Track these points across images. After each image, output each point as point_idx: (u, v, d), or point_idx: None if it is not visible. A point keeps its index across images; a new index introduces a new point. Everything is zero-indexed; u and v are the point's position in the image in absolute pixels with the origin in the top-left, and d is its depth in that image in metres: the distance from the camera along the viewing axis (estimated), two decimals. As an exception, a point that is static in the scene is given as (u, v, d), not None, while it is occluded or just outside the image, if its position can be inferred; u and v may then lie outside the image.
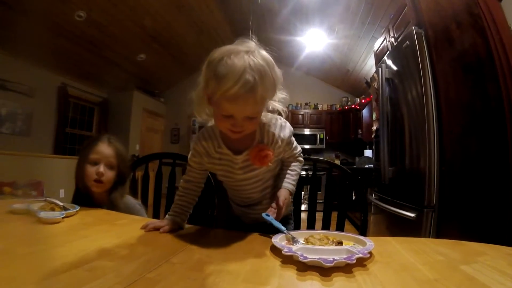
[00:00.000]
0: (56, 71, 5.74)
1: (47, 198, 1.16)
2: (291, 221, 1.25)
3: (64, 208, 1.08)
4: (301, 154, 1.12)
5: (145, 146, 7.47)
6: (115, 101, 7.21)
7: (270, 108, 0.93)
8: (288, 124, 1.01)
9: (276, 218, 0.88)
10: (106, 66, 6.20)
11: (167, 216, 1.01)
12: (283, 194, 0.98)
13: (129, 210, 1.29)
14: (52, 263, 0.58)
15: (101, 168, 1.27)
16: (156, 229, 0.89)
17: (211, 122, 0.97)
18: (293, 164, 1.09)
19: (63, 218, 0.97)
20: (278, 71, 0.84)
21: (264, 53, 0.82)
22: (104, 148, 1.31)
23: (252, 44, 0.83)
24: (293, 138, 1.05)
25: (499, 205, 1.90)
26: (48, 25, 4.57)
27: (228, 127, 0.83)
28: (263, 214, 0.88)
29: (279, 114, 0.98)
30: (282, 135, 0.97)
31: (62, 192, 4.86)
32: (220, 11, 5.96)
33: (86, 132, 6.79)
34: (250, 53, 0.78)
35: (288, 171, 1.06)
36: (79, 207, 1.10)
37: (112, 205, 1.29)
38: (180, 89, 8.63)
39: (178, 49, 6.76)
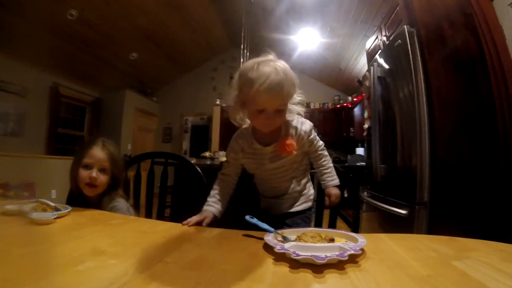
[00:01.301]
0: (48, 71, 5.68)
1: (39, 199, 1.15)
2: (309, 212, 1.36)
3: (56, 209, 1.06)
4: (325, 148, 1.27)
5: (137, 146, 7.43)
6: (107, 100, 7.16)
7: (289, 108, 1.10)
8: (307, 120, 1.20)
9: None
10: (99, 65, 6.15)
11: (204, 208, 1.12)
12: (334, 193, 1.21)
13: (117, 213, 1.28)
14: (46, 264, 0.58)
15: (94, 173, 1.27)
16: (199, 223, 0.99)
17: (245, 125, 1.19)
18: (323, 160, 1.25)
19: (55, 218, 0.95)
20: (296, 76, 1.03)
21: (283, 62, 1.03)
22: (98, 152, 1.30)
23: (271, 55, 1.05)
24: (315, 133, 1.22)
25: (491, 201, 1.93)
26: (40, 24, 4.52)
27: (262, 121, 1.03)
28: (247, 217, 0.89)
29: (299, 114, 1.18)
30: (303, 128, 1.17)
31: (54, 193, 4.82)
32: (214, 10, 5.95)
33: (78, 132, 6.74)
34: (273, 61, 1.00)
35: (324, 170, 1.25)
36: (71, 208, 1.09)
37: (102, 208, 1.28)
38: (173, 88, 8.62)
39: (172, 48, 6.73)
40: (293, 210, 1.29)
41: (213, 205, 1.12)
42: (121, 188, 1.41)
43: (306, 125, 1.18)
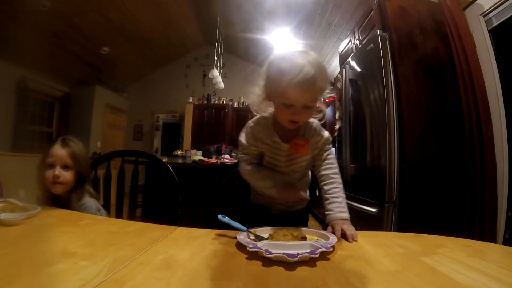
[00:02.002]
0: (15, 64, 5.35)
1: (7, 199, 1.09)
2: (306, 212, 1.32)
3: (25, 209, 1.01)
4: (335, 162, 1.12)
5: (107, 143, 7.20)
6: (76, 95, 6.88)
7: (320, 107, 1.05)
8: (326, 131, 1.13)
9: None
10: (69, 59, 5.89)
11: (277, 184, 1.04)
12: (350, 231, 0.88)
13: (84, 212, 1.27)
14: (14, 267, 0.56)
15: (56, 171, 1.28)
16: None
17: (265, 114, 1.08)
18: (332, 183, 1.06)
19: (24, 219, 0.92)
20: (328, 71, 0.95)
21: (316, 54, 0.92)
22: (58, 150, 1.31)
23: (303, 47, 0.94)
24: (331, 146, 1.14)
25: (457, 200, 2.03)
26: (9, 14, 4.27)
27: (288, 117, 0.94)
28: (219, 216, 0.88)
29: (322, 113, 1.09)
30: (322, 133, 1.10)
31: (22, 192, 4.59)
32: (189, 6, 5.87)
33: (46, 129, 6.42)
34: (306, 53, 0.90)
35: (331, 197, 1.03)
36: (40, 208, 1.04)
37: (71, 206, 1.28)
38: (144, 84, 8.42)
39: (144, 43, 6.58)
40: (293, 209, 1.23)
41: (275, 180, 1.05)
42: (90, 186, 1.39)
43: (325, 132, 1.11)
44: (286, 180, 1.07)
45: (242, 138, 1.10)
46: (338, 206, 1.00)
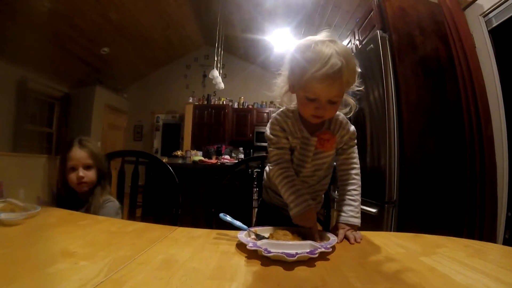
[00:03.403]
0: (15, 64, 5.34)
1: (7, 199, 1.09)
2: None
3: (25, 209, 1.01)
4: (358, 162, 1.07)
5: (107, 144, 7.19)
6: (76, 96, 6.87)
7: (347, 101, 0.97)
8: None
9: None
10: (69, 59, 5.88)
11: (305, 205, 0.88)
12: (342, 228, 0.89)
13: (104, 211, 1.32)
14: (14, 267, 0.55)
15: (81, 173, 1.34)
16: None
17: (290, 106, 0.99)
18: (352, 184, 1.01)
19: (24, 219, 0.92)
20: (357, 61, 0.88)
21: (343, 43, 0.86)
22: (77, 152, 1.37)
23: (330, 34, 0.86)
24: (356, 142, 1.07)
25: (457, 200, 2.03)
26: (9, 15, 4.26)
27: (311, 112, 0.87)
28: (221, 215, 0.88)
29: (350, 107, 0.99)
30: (347, 126, 1.02)
31: (22, 192, 4.60)
32: (188, 6, 5.87)
33: (46, 129, 6.41)
34: (333, 42, 0.82)
35: (347, 199, 0.98)
36: (40, 208, 1.04)
37: (96, 199, 1.34)
38: (144, 85, 8.42)
39: (144, 44, 6.58)
40: None
41: (307, 202, 0.89)
42: (108, 182, 1.45)
43: (351, 126, 1.04)
44: (308, 203, 0.89)
45: (270, 131, 1.00)
46: (353, 210, 0.94)
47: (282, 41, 5.76)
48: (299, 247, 0.67)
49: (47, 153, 6.02)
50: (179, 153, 4.83)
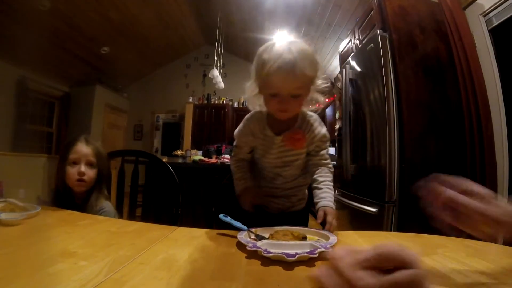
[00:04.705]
0: (15, 64, 5.34)
1: (7, 199, 1.09)
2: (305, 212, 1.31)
3: (25, 209, 1.01)
4: (331, 163, 1.15)
5: (107, 143, 7.18)
6: (76, 95, 6.87)
7: (311, 97, 1.02)
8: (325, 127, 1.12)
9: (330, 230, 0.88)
10: (69, 59, 5.88)
11: (242, 188, 1.11)
12: (331, 212, 0.97)
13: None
14: (14, 267, 0.55)
15: (82, 168, 1.27)
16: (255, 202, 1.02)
17: (261, 108, 1.09)
18: (327, 176, 1.09)
19: (24, 219, 0.92)
20: (318, 58, 0.95)
21: (303, 43, 0.94)
22: (83, 148, 1.31)
23: (293, 38, 0.96)
24: (329, 144, 1.14)
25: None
26: (9, 14, 4.26)
27: (276, 106, 0.95)
28: (220, 215, 0.88)
29: (318, 104, 1.06)
30: (319, 128, 1.08)
31: (22, 192, 4.59)
32: (188, 5, 5.86)
33: (46, 128, 6.41)
34: (290, 42, 0.92)
35: (325, 187, 1.06)
36: (40, 208, 1.04)
37: (90, 205, 1.27)
38: (144, 84, 8.41)
39: (144, 43, 6.57)
40: (291, 210, 1.22)
41: (244, 183, 1.12)
42: (105, 187, 1.38)
43: (323, 127, 1.09)
44: (246, 186, 1.12)
45: (236, 132, 1.16)
46: (331, 197, 1.03)
47: (282, 40, 5.75)
48: (299, 247, 0.67)
49: (47, 152, 6.02)
50: (179, 152, 4.82)
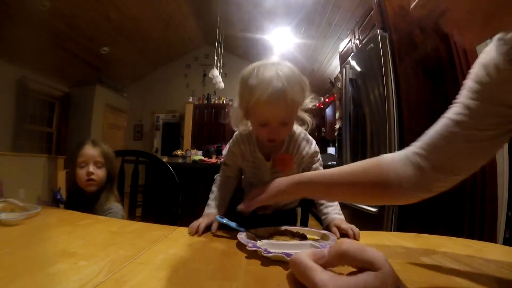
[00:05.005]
0: (15, 64, 5.34)
1: (7, 199, 1.09)
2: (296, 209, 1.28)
3: (25, 209, 1.01)
4: None
5: (107, 143, 7.14)
6: (76, 95, 6.88)
7: (297, 116, 0.97)
8: (314, 142, 1.06)
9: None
10: (69, 59, 5.89)
11: (207, 211, 0.99)
12: (341, 221, 0.91)
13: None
14: (14, 267, 0.55)
15: (91, 168, 1.32)
16: (207, 229, 0.88)
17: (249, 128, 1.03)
18: None
19: (24, 219, 0.92)
20: (304, 79, 0.90)
21: (289, 64, 0.88)
22: (89, 150, 1.37)
23: (276, 58, 0.90)
24: (319, 158, 1.08)
25: (457, 200, 2.02)
26: (9, 14, 4.26)
27: (266, 136, 0.91)
28: (217, 217, 0.88)
29: (307, 124, 1.01)
30: (307, 148, 1.03)
31: (22, 192, 4.59)
32: (188, 5, 5.87)
33: (46, 128, 6.41)
34: (276, 65, 0.85)
35: (326, 202, 1.01)
36: (40, 208, 1.04)
37: (100, 204, 1.31)
38: (144, 84, 8.42)
39: (144, 43, 6.58)
40: (285, 208, 1.20)
41: (216, 209, 1.00)
42: (116, 188, 1.42)
43: (311, 145, 1.05)
44: (209, 212, 0.99)
45: (225, 150, 1.12)
46: (335, 209, 0.98)
47: (282, 41, 5.76)
48: (299, 247, 0.67)
49: (47, 152, 6.02)
50: (179, 152, 4.82)
